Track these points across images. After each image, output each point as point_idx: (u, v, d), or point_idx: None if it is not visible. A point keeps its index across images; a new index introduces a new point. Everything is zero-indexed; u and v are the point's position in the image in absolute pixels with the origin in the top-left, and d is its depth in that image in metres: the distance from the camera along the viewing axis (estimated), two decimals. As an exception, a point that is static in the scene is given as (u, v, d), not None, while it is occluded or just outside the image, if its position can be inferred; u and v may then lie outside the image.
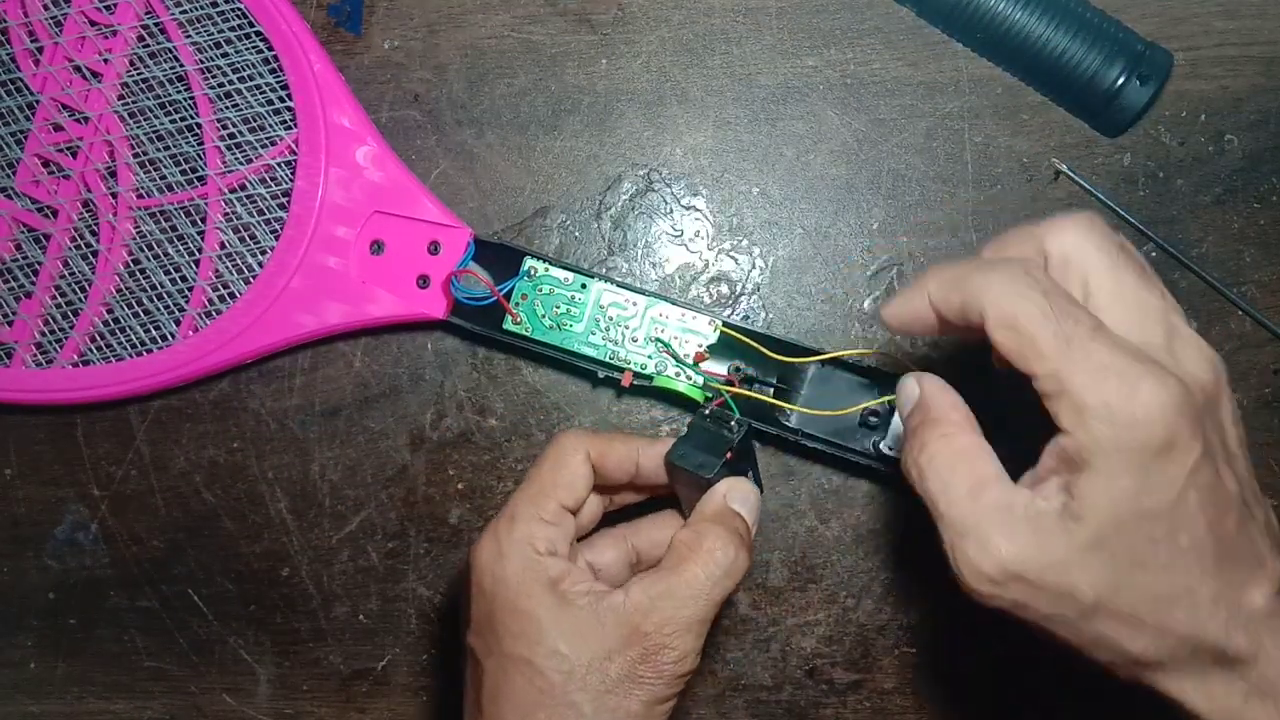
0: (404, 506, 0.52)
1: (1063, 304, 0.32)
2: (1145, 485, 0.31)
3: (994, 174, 0.51)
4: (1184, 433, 0.31)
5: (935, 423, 0.35)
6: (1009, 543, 0.32)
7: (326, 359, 0.52)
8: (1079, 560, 0.32)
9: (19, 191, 0.50)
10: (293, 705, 0.53)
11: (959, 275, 0.34)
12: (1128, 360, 0.31)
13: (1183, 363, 0.33)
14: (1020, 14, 0.47)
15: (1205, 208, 0.50)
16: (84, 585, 0.53)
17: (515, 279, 0.48)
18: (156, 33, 0.50)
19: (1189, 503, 0.31)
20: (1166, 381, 0.31)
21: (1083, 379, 0.31)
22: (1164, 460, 0.31)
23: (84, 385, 0.50)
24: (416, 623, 0.52)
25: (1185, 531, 0.32)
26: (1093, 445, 0.31)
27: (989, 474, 0.33)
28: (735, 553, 0.38)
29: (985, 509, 0.33)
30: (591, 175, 0.51)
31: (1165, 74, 0.48)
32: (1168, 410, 0.31)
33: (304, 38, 0.48)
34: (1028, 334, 0.32)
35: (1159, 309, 0.33)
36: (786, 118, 0.51)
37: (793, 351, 0.46)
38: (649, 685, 0.37)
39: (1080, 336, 0.32)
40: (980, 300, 0.33)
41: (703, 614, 0.37)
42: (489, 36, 0.52)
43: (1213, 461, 0.32)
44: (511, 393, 0.52)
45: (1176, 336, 0.33)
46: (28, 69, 0.50)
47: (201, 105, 0.49)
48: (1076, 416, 0.31)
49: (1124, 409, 0.31)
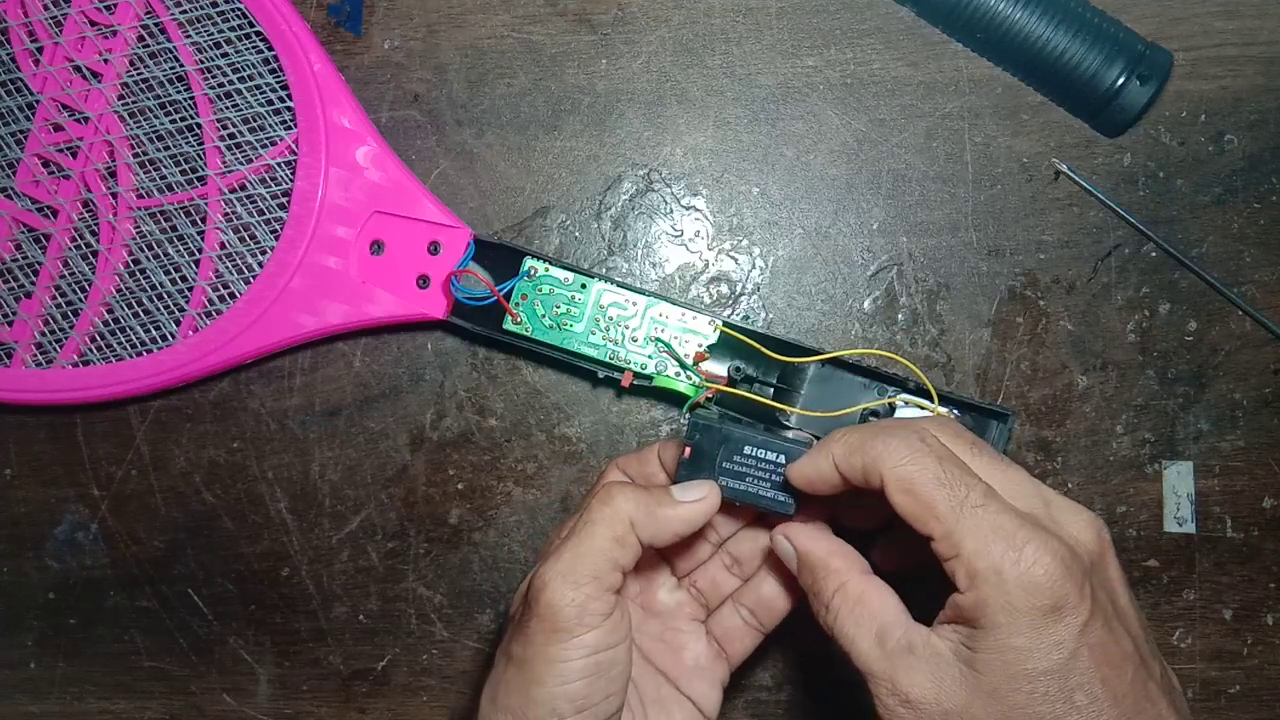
0: (404, 506, 0.52)
1: (955, 471, 0.35)
2: (1036, 645, 0.33)
3: (994, 174, 0.51)
4: (1071, 594, 0.33)
5: (824, 574, 0.38)
6: (915, 686, 0.34)
7: (326, 359, 0.52)
8: (977, 707, 0.33)
9: (19, 191, 0.50)
10: (293, 705, 0.53)
11: (860, 440, 0.36)
12: (1014, 525, 0.33)
13: (1065, 527, 0.35)
14: (1020, 14, 0.47)
15: (1205, 208, 0.50)
16: (84, 585, 0.53)
17: (515, 279, 0.48)
18: (156, 33, 0.50)
19: (1082, 661, 0.33)
20: (1050, 544, 0.33)
21: (973, 544, 0.33)
22: (1053, 621, 0.33)
23: (84, 385, 0.50)
24: (416, 623, 0.52)
25: (1080, 690, 0.33)
26: (984, 605, 0.33)
27: (890, 617, 0.36)
28: (624, 502, 0.38)
29: (891, 653, 0.35)
30: (591, 175, 0.51)
31: (1165, 74, 0.48)
32: (1053, 573, 0.33)
33: (304, 38, 0.48)
34: (924, 499, 0.34)
35: (1028, 484, 0.36)
36: (786, 118, 0.51)
37: (792, 351, 0.46)
38: (531, 629, 0.37)
39: (971, 502, 0.34)
40: (879, 465, 0.35)
41: (588, 565, 0.37)
42: (489, 36, 0.52)
43: (1104, 620, 0.33)
44: (511, 393, 0.52)
45: (1053, 504, 0.35)
46: (28, 69, 0.50)
47: (201, 105, 0.49)
48: (969, 580, 0.34)
49: (1011, 573, 0.33)
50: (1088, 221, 0.50)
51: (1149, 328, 0.50)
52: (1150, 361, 0.50)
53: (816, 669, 0.51)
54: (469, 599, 0.52)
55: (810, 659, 0.51)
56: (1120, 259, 0.50)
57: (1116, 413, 0.50)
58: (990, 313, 0.51)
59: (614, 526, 0.38)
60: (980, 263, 0.51)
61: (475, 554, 0.52)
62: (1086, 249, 0.50)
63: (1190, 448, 0.50)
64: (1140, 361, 0.50)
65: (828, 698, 0.51)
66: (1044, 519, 0.35)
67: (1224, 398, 0.50)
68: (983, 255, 0.51)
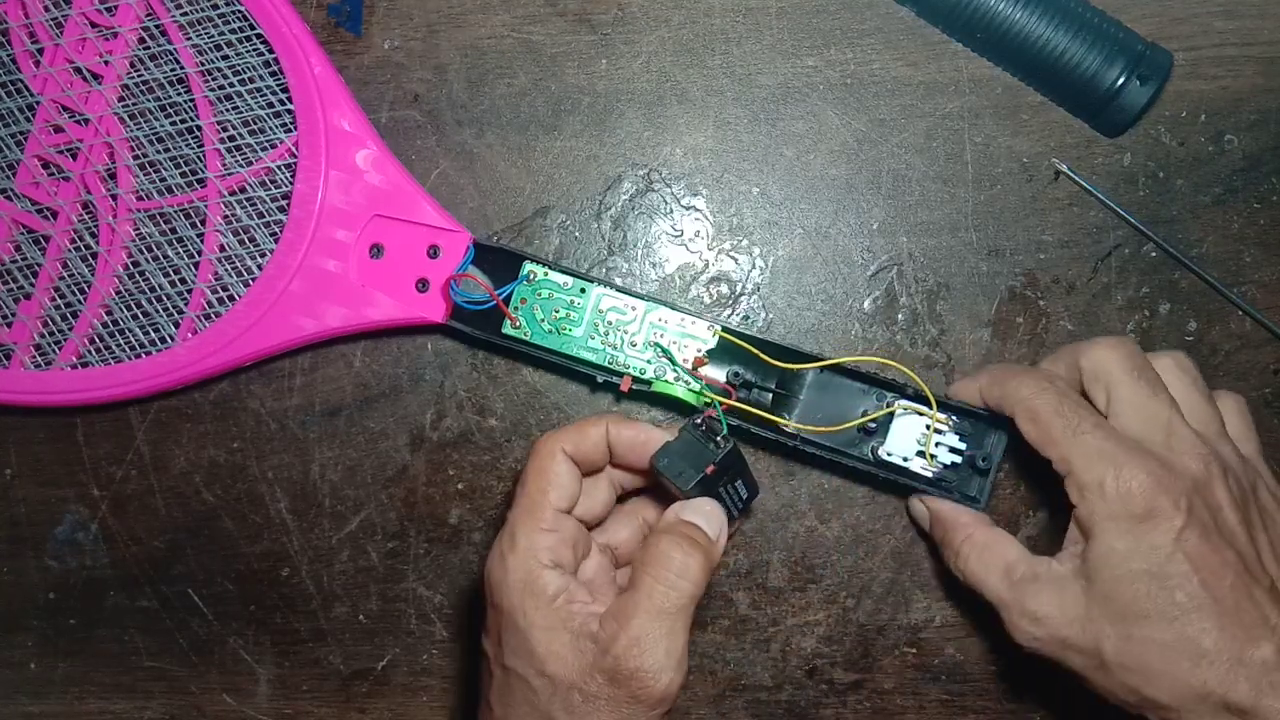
0: (404, 506, 0.52)
1: (1072, 404, 0.41)
2: (1135, 548, 0.39)
3: (994, 174, 0.51)
4: (1164, 505, 0.38)
5: (954, 528, 0.45)
6: (1043, 605, 0.40)
7: (326, 359, 0.52)
8: (1095, 613, 0.39)
9: (19, 193, 0.50)
10: (293, 705, 0.53)
11: (1001, 376, 0.43)
12: (1115, 447, 0.40)
13: (1175, 454, 0.40)
14: (1020, 14, 0.47)
15: (1205, 208, 0.50)
16: (84, 585, 0.53)
17: (514, 283, 0.48)
18: (157, 35, 0.50)
19: (1178, 564, 0.38)
20: (1147, 463, 0.39)
21: (1082, 463, 0.40)
22: (1148, 527, 0.38)
23: (83, 387, 0.50)
24: (416, 623, 0.52)
25: (1180, 589, 0.38)
26: (1092, 516, 0.40)
27: (1013, 555, 0.42)
28: (685, 556, 0.38)
29: (1018, 584, 0.42)
30: (591, 175, 0.51)
31: (1165, 74, 0.48)
32: (1145, 486, 0.39)
33: (304, 40, 0.48)
34: (1044, 425, 0.41)
35: (1164, 415, 0.41)
36: (786, 118, 0.51)
37: (791, 357, 0.46)
38: (624, 708, 0.37)
39: (1083, 429, 0.40)
40: (1012, 397, 0.42)
41: (667, 626, 0.37)
42: (489, 36, 0.52)
43: (1201, 530, 0.38)
44: (511, 393, 0.52)
45: (1174, 435, 0.40)
46: (28, 70, 0.50)
47: (202, 108, 0.49)
48: (1079, 493, 0.40)
49: (1111, 485, 0.39)
50: (1088, 221, 0.50)
51: (1149, 328, 0.50)
52: (1150, 361, 0.50)
53: (817, 669, 0.51)
54: (469, 599, 0.52)
55: (810, 659, 0.51)
56: (1120, 259, 0.50)
57: (1116, 413, 0.50)
58: (990, 313, 0.51)
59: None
60: (980, 263, 0.51)
61: (475, 554, 0.52)
62: (1086, 249, 0.50)
63: (1190, 448, 0.50)
64: (1140, 361, 0.50)
65: (828, 698, 0.51)
66: (1157, 445, 0.40)
67: (1224, 398, 0.50)
68: (983, 255, 0.51)
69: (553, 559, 0.39)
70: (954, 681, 0.51)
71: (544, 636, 0.38)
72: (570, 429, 0.41)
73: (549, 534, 0.40)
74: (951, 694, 0.51)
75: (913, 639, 0.51)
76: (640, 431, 0.42)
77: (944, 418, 0.46)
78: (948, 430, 0.46)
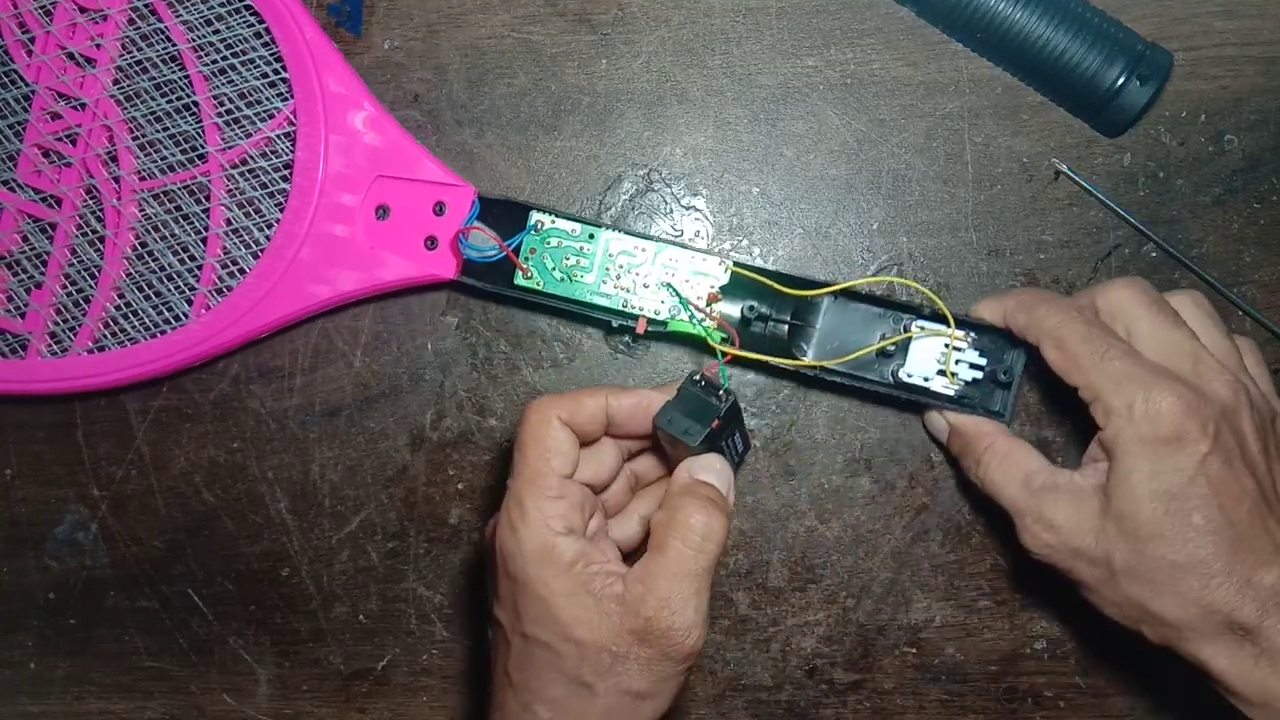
0: (404, 506, 0.52)
1: (1099, 332, 0.41)
2: (1160, 469, 0.39)
3: (994, 174, 0.51)
4: (1192, 430, 0.39)
5: (976, 439, 0.45)
6: (1058, 514, 0.41)
7: (327, 359, 0.52)
8: (1110, 528, 0.40)
9: (21, 183, 0.50)
10: (293, 705, 0.53)
11: (1029, 302, 0.43)
12: (1146, 373, 0.40)
13: (1204, 380, 0.40)
14: (1020, 14, 0.47)
15: (1205, 208, 0.50)
16: (84, 585, 0.53)
17: (522, 233, 0.48)
18: (147, 14, 0.49)
19: (1199, 487, 0.39)
20: (1177, 388, 0.39)
21: (1110, 386, 0.40)
22: (1174, 450, 0.39)
23: (100, 371, 0.49)
24: (416, 623, 0.52)
25: (1198, 512, 0.39)
26: (1117, 437, 0.40)
27: (1034, 465, 0.43)
28: (708, 518, 0.39)
29: (1037, 492, 0.42)
30: (591, 175, 0.51)
31: (1165, 74, 0.48)
32: (1175, 410, 0.39)
33: (294, 8, 0.48)
34: (1071, 352, 0.41)
35: (1188, 345, 0.41)
36: (786, 118, 0.51)
37: (804, 286, 0.46)
38: (655, 666, 0.38)
39: (1111, 355, 0.40)
40: (1039, 325, 0.42)
41: (695, 586, 0.38)
42: (489, 36, 0.52)
43: (1224, 456, 0.39)
44: (511, 393, 0.52)
45: (1201, 363, 0.41)
46: (21, 60, 0.50)
47: (197, 83, 0.49)
48: (1106, 416, 0.40)
49: (1140, 408, 0.39)
50: (1088, 221, 0.50)
51: (1149, 328, 0.50)
52: (1150, 361, 0.50)
53: (817, 669, 0.51)
54: (469, 599, 0.52)
55: (810, 659, 0.51)
56: (1120, 259, 0.50)
57: (1116, 413, 0.50)
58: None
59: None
60: (980, 263, 0.51)
61: (475, 554, 0.52)
62: (1086, 249, 0.50)
63: (1190, 448, 0.50)
64: (1140, 361, 0.50)
65: (828, 698, 0.51)
66: (1186, 373, 0.40)
67: (1224, 398, 0.50)
68: (983, 255, 0.51)
69: (565, 526, 0.39)
70: (954, 681, 0.51)
71: (566, 603, 0.38)
72: (565, 397, 0.41)
73: (558, 501, 0.40)
74: (951, 694, 0.51)
75: (913, 639, 0.51)
76: (640, 398, 0.42)
77: (962, 335, 0.46)
78: (967, 347, 0.46)
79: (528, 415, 0.41)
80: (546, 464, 0.40)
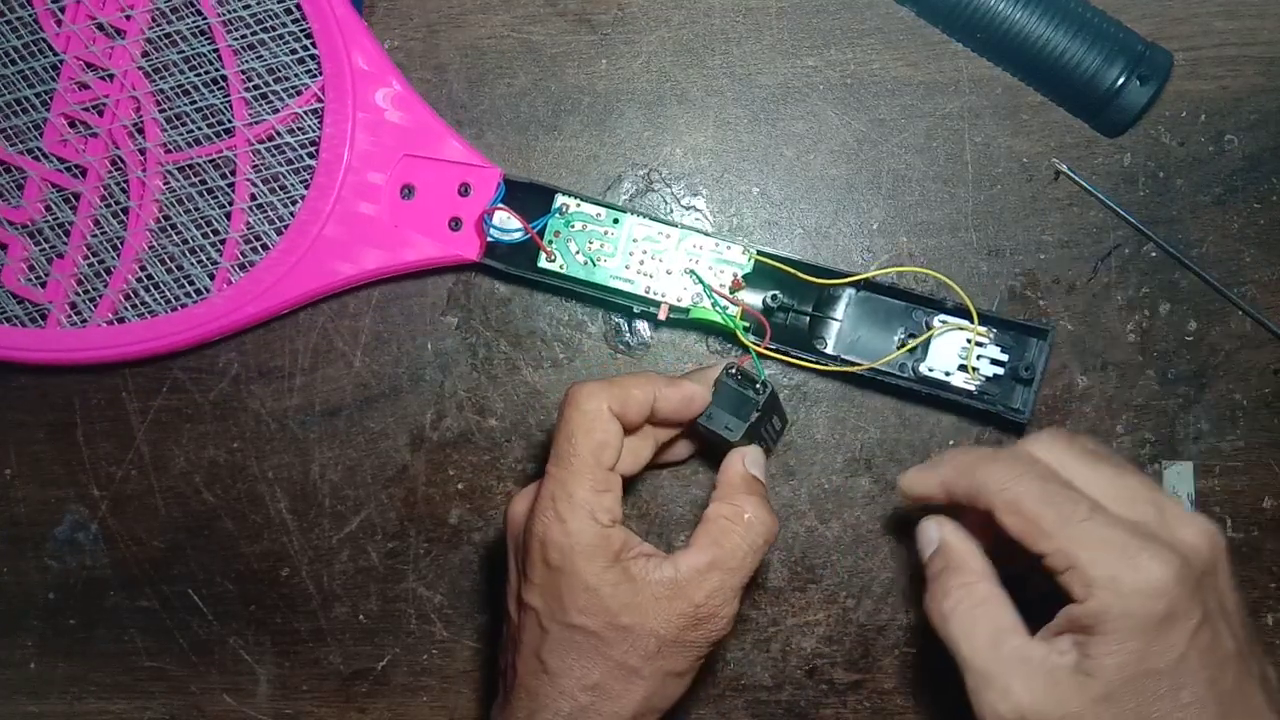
0: (404, 506, 0.52)
1: (1059, 489, 0.36)
2: (1150, 648, 0.34)
3: (994, 174, 0.51)
4: (1184, 601, 0.34)
5: (957, 570, 0.39)
6: (1028, 693, 0.35)
7: (327, 359, 0.52)
8: (1091, 712, 0.35)
9: (47, 152, 0.50)
10: (293, 705, 0.53)
11: (968, 464, 0.38)
12: (1126, 535, 0.35)
13: (1178, 533, 0.36)
14: (1020, 14, 0.47)
15: (1205, 208, 0.50)
16: (84, 585, 0.53)
17: (547, 216, 0.48)
18: (177, -15, 0.50)
19: (1190, 662, 0.35)
20: (1164, 554, 0.35)
21: (1087, 554, 0.35)
22: (1167, 626, 0.34)
23: (121, 342, 0.49)
24: (416, 623, 0.52)
25: (1187, 688, 0.35)
26: (1102, 613, 0.35)
27: (1007, 624, 0.37)
28: (767, 516, 0.41)
29: (1005, 658, 0.36)
30: (591, 175, 0.51)
31: (1165, 74, 0.48)
32: (1168, 582, 0.34)
33: None
34: (1031, 518, 0.36)
35: (1144, 491, 0.37)
36: (786, 118, 0.51)
37: (827, 275, 0.46)
38: (696, 648, 0.40)
39: (1079, 517, 0.35)
40: (986, 488, 0.37)
41: (744, 580, 0.40)
42: (489, 36, 0.52)
43: (1212, 623, 0.35)
44: (511, 393, 0.52)
45: (1167, 511, 0.36)
46: (50, 29, 0.50)
47: (226, 58, 0.49)
48: (1086, 589, 0.35)
49: (1128, 581, 0.34)
50: (1088, 221, 0.50)
51: (1149, 328, 0.50)
52: (1150, 362, 0.50)
53: (817, 669, 0.51)
54: (469, 599, 0.52)
55: (810, 659, 0.51)
56: (1120, 259, 0.50)
57: (1117, 413, 0.50)
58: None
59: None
60: (980, 263, 0.51)
61: (475, 554, 0.52)
62: (1086, 249, 0.50)
63: (1190, 448, 0.50)
64: (1140, 362, 0.50)
65: (828, 698, 0.51)
66: (1156, 526, 0.36)
67: (1224, 398, 0.50)
68: (983, 255, 0.51)
69: (611, 518, 0.40)
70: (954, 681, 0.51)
71: (615, 592, 0.39)
72: (613, 385, 0.40)
73: (605, 494, 0.40)
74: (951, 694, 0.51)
75: (913, 639, 0.51)
76: (686, 391, 0.42)
77: (985, 330, 0.46)
78: (988, 343, 0.46)
79: (578, 401, 0.40)
80: (597, 457, 0.40)
